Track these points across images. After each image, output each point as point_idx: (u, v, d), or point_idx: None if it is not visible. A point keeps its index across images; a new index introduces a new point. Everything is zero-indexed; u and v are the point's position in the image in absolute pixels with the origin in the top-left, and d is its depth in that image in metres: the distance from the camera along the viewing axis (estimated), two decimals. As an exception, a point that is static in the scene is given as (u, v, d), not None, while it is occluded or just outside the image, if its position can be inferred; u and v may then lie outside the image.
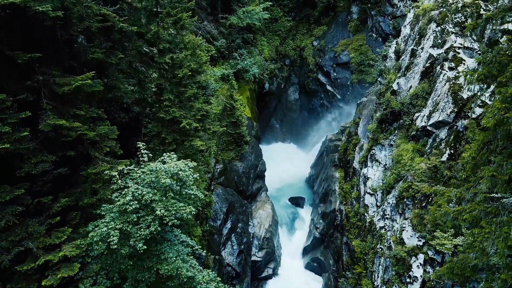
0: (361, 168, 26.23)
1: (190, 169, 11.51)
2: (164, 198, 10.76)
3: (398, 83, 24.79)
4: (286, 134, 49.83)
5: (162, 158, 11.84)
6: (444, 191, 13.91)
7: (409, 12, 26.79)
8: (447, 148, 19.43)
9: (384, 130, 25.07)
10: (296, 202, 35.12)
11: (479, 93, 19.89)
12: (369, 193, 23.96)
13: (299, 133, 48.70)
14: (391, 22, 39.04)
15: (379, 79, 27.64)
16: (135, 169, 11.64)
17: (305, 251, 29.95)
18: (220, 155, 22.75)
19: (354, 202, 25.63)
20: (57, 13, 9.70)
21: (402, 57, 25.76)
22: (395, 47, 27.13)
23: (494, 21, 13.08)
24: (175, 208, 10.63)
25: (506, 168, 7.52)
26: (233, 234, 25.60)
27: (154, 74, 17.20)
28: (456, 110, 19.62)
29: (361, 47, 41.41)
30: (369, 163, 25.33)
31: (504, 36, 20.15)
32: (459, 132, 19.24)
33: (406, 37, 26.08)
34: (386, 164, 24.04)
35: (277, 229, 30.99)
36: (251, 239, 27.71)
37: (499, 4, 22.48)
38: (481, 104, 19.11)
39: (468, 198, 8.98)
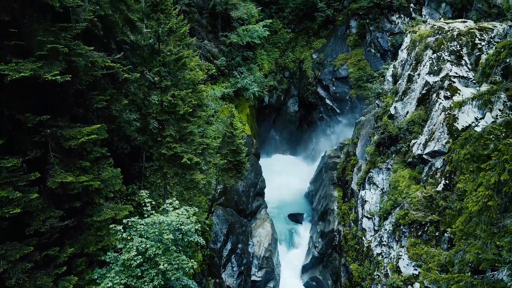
0: (359, 190, 26.67)
1: (192, 218, 11.94)
2: (167, 251, 11.20)
3: (395, 107, 25.23)
4: (285, 146, 50.29)
5: (164, 207, 12.27)
6: (434, 254, 14.32)
7: (406, 36, 27.21)
8: (443, 178, 19.86)
9: (382, 153, 25.50)
10: (295, 218, 35.56)
11: (473, 125, 20.44)
12: (366, 217, 24.39)
13: (299, 145, 49.15)
14: (389, 38, 39.49)
15: (376, 101, 28.07)
16: (139, 220, 12.07)
17: (304, 269, 30.39)
18: (221, 175, 23.21)
19: (352, 224, 26.07)
20: (66, 78, 10.12)
21: (399, 81, 26.19)
22: (393, 70, 27.57)
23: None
24: (178, 262, 11.06)
25: (490, 248, 7.95)
26: (233, 256, 26.04)
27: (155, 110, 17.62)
28: (451, 141, 20.05)
29: (360, 62, 41.83)
30: (366, 186, 25.77)
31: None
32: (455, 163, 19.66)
33: (403, 62, 26.51)
34: (383, 188, 24.47)
35: (276, 247, 31.43)
36: (251, 259, 28.15)
37: (493, 34, 22.98)
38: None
39: (457, 262, 9.41)
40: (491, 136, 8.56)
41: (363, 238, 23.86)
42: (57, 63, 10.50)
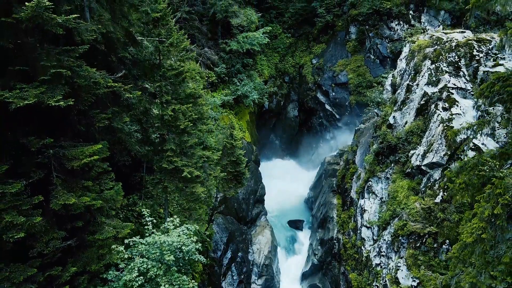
0: (358, 199, 26.84)
1: (193, 238, 12.12)
2: (168, 272, 11.39)
3: (394, 116, 25.40)
4: (285, 151, 50.47)
5: (165, 225, 12.45)
6: (431, 278, 14.51)
7: (405, 46, 27.39)
8: (441, 190, 20.03)
9: (381, 162, 25.68)
10: (295, 225, 35.74)
11: (471, 137, 20.61)
12: (366, 226, 24.56)
13: (299, 150, 49.33)
14: (388, 45, 39.65)
15: (375, 110, 28.25)
16: (141, 240, 12.25)
17: (304, 276, 30.57)
18: (221, 186, 23.41)
19: (352, 233, 26.24)
20: (69, 102, 10.30)
21: (398, 91, 26.37)
22: (391, 79, 27.75)
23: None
24: (179, 282, 11.25)
25: (485, 278, 8.12)
26: (233, 264, 26.22)
27: (156, 123, 17.79)
28: (449, 153, 20.23)
29: (359, 69, 41.99)
30: (366, 195, 25.94)
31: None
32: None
33: (402, 71, 26.69)
34: (382, 197, 24.64)
35: (276, 254, 31.61)
36: (251, 267, 28.33)
37: (491, 46, 23.18)
38: (473, 147, 19.77)
39: (453, 286, 9.61)
40: (485, 168, 8.76)
41: (362, 247, 24.04)
42: (60, 87, 10.67)
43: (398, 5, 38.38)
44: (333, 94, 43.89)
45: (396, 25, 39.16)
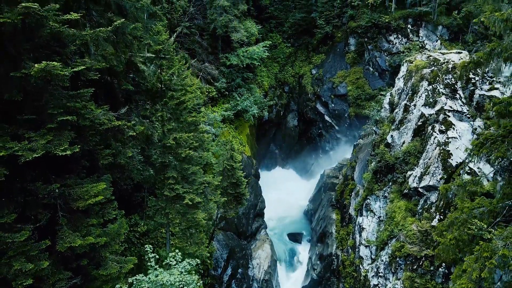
0: (356, 216, 27.21)
1: (194, 277, 12.50)
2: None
3: (392, 135, 25.77)
4: (285, 160, 50.88)
5: (167, 261, 12.84)
6: None
7: (403, 65, 27.75)
8: (437, 213, 20.41)
9: (379, 180, 26.04)
10: (295, 238, 36.12)
11: (467, 161, 20.98)
12: (364, 245, 24.93)
13: (298, 159, 49.73)
14: (387, 58, 40.03)
15: (374, 128, 28.62)
16: (144, 278, 12.62)
17: (303, 290, 30.96)
18: (222, 207, 23.79)
19: (350, 250, 26.61)
20: (75, 149, 10.68)
21: (396, 110, 26.73)
22: (389, 98, 28.11)
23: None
24: (181, 322, 11.66)
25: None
26: (233, 281, 26.59)
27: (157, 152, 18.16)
28: (445, 177, 20.60)
29: (358, 81, 42.37)
30: (364, 213, 26.31)
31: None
32: (449, 199, 20.21)
33: (400, 91, 27.05)
34: (380, 216, 25.01)
35: (275, 268, 31.97)
36: (250, 282, 28.69)
37: (487, 69, 23.57)
38: (469, 171, 20.14)
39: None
40: (474, 227, 9.12)
41: (361, 266, 24.41)
42: (66, 133, 11.04)
43: (396, 19, 38.75)
44: (333, 105, 44.28)
45: (394, 38, 39.53)
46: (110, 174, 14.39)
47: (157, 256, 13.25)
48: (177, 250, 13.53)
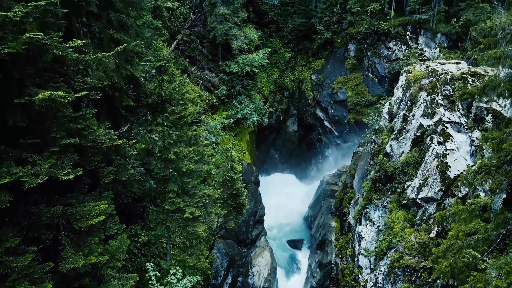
0: (356, 225, 27.39)
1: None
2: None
3: (391, 145, 25.95)
4: (285, 165, 51.07)
5: (168, 280, 13.03)
6: None
7: (402, 75, 27.93)
8: (435, 224, 20.60)
9: (378, 189, 26.22)
10: (295, 244, 36.31)
11: (464, 173, 21.15)
12: (363, 254, 25.11)
13: (298, 164, 49.90)
14: (386, 65, 40.21)
15: (373, 137, 28.80)
16: (145, 297, 12.83)
17: (303, 297, 31.16)
18: (222, 218, 23.97)
19: (349, 259, 26.80)
20: (77, 173, 10.86)
21: (395, 120, 26.91)
22: (388, 108, 28.29)
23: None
24: None
25: None
26: (233, 289, 26.78)
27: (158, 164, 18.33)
28: (443, 189, 20.79)
29: (358, 87, 42.54)
30: (363, 222, 26.50)
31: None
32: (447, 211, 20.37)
33: (399, 101, 27.23)
34: (379, 226, 25.19)
35: (275, 276, 32.16)
36: (251, 290, 28.88)
37: (485, 81, 23.73)
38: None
39: None
40: (468, 256, 9.32)
41: (360, 276, 24.59)
42: (69, 156, 11.22)
43: (395, 26, 38.93)
44: (332, 111, 44.46)
45: (394, 45, 39.71)
46: (111, 189, 14.59)
47: (158, 274, 13.43)
48: (178, 268, 13.72)
